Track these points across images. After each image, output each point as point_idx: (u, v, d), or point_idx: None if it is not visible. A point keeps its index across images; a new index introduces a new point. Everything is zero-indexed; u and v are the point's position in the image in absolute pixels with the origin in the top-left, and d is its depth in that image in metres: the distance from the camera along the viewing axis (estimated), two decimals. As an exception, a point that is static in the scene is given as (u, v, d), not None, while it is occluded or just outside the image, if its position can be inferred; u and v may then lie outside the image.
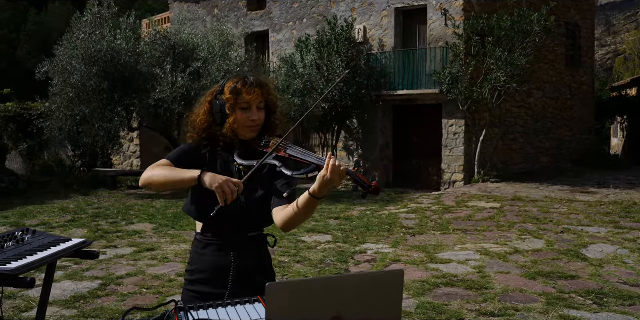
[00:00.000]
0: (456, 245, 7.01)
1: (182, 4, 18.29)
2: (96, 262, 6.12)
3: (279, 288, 1.24)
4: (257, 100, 2.02)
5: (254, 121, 2.03)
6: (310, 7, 15.44)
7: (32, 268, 1.83)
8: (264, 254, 2.12)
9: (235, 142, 2.04)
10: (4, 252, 1.92)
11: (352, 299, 1.31)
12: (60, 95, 11.73)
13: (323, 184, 1.76)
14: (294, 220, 1.89)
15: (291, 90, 12.63)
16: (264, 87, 2.05)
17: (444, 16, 12.95)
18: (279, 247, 6.94)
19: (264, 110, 2.06)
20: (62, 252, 2.03)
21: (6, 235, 2.08)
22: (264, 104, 2.06)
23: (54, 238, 2.17)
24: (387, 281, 1.36)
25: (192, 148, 2.10)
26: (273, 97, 2.09)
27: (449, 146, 13.30)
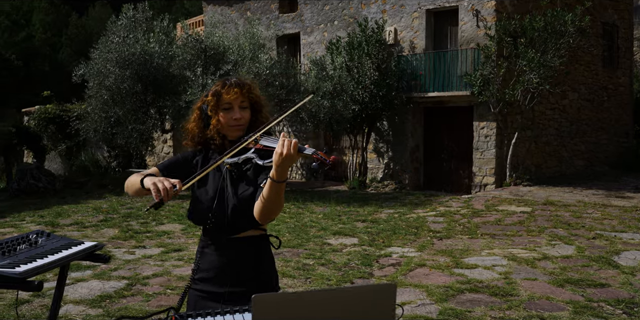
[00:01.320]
0: (483, 250, 6.92)
1: (216, 7, 18.52)
2: (124, 262, 6.26)
3: (266, 300, 1.23)
4: (238, 99, 2.08)
5: (236, 120, 2.09)
6: (341, 9, 15.45)
7: (40, 271, 1.88)
8: (263, 255, 2.12)
9: (225, 144, 2.11)
10: (16, 255, 1.97)
11: (342, 313, 1.29)
12: (95, 97, 12.04)
13: (277, 162, 1.77)
14: (264, 210, 1.89)
15: (320, 92, 12.64)
16: (244, 86, 2.11)
17: (476, 17, 12.79)
18: (304, 249, 6.98)
19: (248, 109, 2.13)
20: (72, 256, 2.08)
21: (20, 238, 2.15)
22: (248, 103, 2.12)
23: (66, 241, 2.23)
24: (378, 295, 1.34)
25: (185, 156, 2.20)
26: (255, 96, 2.14)
27: (480, 149, 13.12)
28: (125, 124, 11.91)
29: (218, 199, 2.05)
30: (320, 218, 9.42)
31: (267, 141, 1.94)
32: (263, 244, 2.13)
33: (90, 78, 11.94)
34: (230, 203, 2.03)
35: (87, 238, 7.68)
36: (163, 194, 1.82)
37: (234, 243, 2.06)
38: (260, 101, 2.17)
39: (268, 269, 2.15)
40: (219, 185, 2.08)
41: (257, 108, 2.16)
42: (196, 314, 1.63)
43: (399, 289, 5.25)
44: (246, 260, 2.07)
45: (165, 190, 1.82)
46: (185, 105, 11.19)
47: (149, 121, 12.28)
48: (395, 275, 5.79)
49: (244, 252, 2.07)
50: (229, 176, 2.07)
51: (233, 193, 2.04)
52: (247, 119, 2.12)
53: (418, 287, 5.34)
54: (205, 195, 2.08)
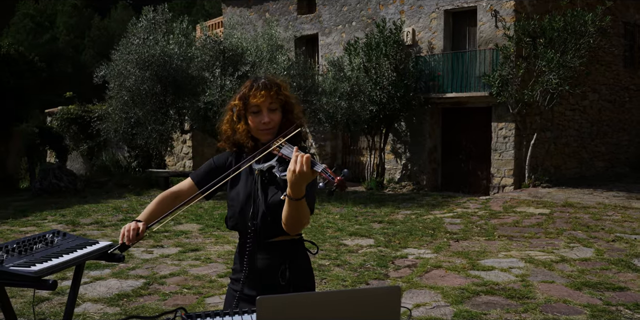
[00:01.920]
0: (500, 252, 6.88)
1: (235, 9, 18.64)
2: (142, 261, 6.35)
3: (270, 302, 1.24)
4: (266, 102, 2.02)
5: (265, 124, 2.02)
6: (359, 10, 15.46)
7: (55, 270, 1.92)
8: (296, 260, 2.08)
9: (258, 146, 2.05)
10: (32, 254, 2.02)
11: (346, 315, 1.29)
12: (116, 98, 12.19)
13: (291, 180, 1.72)
14: (288, 224, 1.88)
15: (338, 93, 12.66)
16: (272, 88, 2.03)
17: (494, 17, 12.71)
18: (320, 250, 7.00)
19: (277, 111, 2.05)
20: (87, 255, 2.13)
21: (37, 237, 2.20)
22: (277, 104, 2.05)
23: (82, 241, 2.27)
24: (383, 297, 1.33)
25: (218, 162, 2.17)
26: (285, 97, 2.06)
27: (499, 150, 13.03)
28: (145, 124, 12.05)
29: (248, 204, 2.04)
30: (337, 219, 9.44)
31: (287, 149, 1.89)
32: (297, 249, 2.09)
33: (111, 79, 12.09)
34: (260, 209, 2.01)
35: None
36: (126, 237, 1.94)
37: (267, 247, 2.03)
38: (291, 100, 2.10)
39: (302, 275, 2.10)
40: (251, 189, 2.06)
41: (288, 108, 2.08)
42: (205, 314, 1.66)
43: (414, 291, 5.25)
44: (278, 265, 2.03)
45: (127, 233, 1.95)
46: (204, 106, 11.29)
47: (168, 122, 12.41)
48: (410, 276, 5.79)
49: (276, 257, 2.03)
50: (260, 181, 2.04)
51: (263, 199, 2.01)
52: (277, 121, 2.05)
53: (433, 288, 5.33)
54: (237, 199, 2.07)
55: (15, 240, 2.14)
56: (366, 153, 15.22)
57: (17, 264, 1.87)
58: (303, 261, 2.12)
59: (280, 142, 1.91)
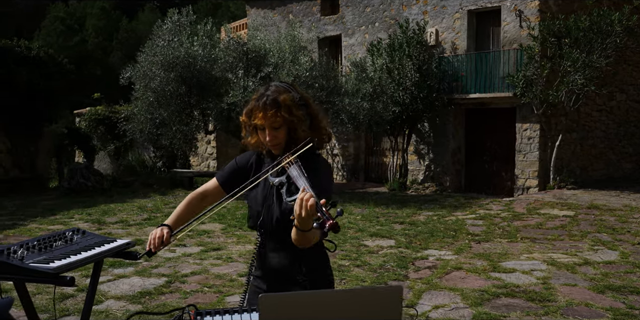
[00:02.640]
0: (522, 254, 6.81)
1: (259, 10, 18.77)
2: (165, 260, 6.45)
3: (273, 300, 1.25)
4: (269, 121, 2.01)
5: (268, 142, 2.05)
6: (382, 11, 15.44)
7: (73, 267, 1.99)
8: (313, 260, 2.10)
9: (273, 154, 2.09)
10: (52, 251, 2.10)
11: (348, 314, 1.30)
12: (141, 99, 12.39)
13: (297, 219, 1.71)
14: (296, 242, 1.87)
15: (360, 94, 12.67)
16: (271, 108, 2.00)
17: (519, 17, 12.57)
18: (340, 250, 7.02)
19: (282, 129, 2.03)
20: (105, 253, 2.19)
21: (57, 235, 2.28)
22: (281, 122, 2.02)
23: (100, 239, 2.34)
24: (384, 297, 1.34)
25: (240, 162, 2.23)
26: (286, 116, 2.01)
27: (523, 151, 12.88)
28: (170, 125, 12.22)
29: (265, 208, 2.08)
30: (358, 219, 9.45)
31: (295, 171, 1.85)
32: (314, 249, 2.05)
33: (136, 80, 12.29)
34: (274, 214, 2.05)
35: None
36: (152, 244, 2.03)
37: (283, 247, 2.06)
38: (294, 119, 2.03)
39: (319, 274, 2.13)
40: (267, 193, 2.10)
41: (292, 126, 2.04)
42: (214, 311, 1.70)
43: (433, 292, 5.24)
44: (295, 264, 2.07)
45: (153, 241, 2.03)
46: (227, 107, 11.41)
47: (193, 122, 12.57)
48: (430, 278, 5.78)
49: (292, 256, 2.07)
50: (276, 192, 2.06)
51: (277, 205, 2.05)
52: (282, 138, 2.05)
53: (453, 290, 5.31)
54: (255, 201, 2.13)
55: (36, 237, 2.21)
56: (389, 154, 15.19)
57: (36, 260, 1.94)
58: (319, 258, 2.15)
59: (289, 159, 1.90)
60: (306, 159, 1.95)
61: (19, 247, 2.01)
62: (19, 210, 10.64)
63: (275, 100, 2.01)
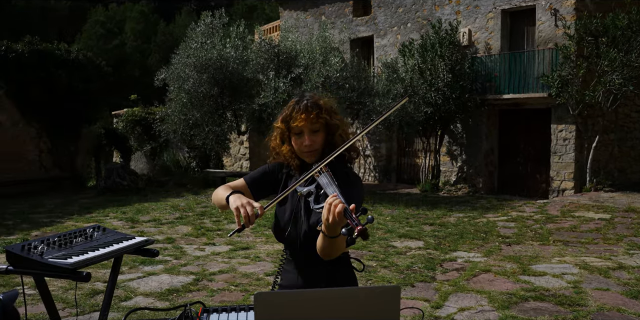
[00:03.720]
0: (554, 258, 6.68)
1: (292, 12, 18.88)
2: (194, 258, 6.56)
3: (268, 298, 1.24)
4: (308, 124, 1.98)
5: (307, 146, 2.00)
6: (414, 12, 15.34)
7: (90, 263, 2.05)
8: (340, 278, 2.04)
9: (304, 165, 2.05)
10: (72, 247, 2.16)
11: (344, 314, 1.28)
12: (175, 100, 12.62)
13: (325, 225, 1.68)
14: (321, 253, 1.84)
15: (391, 95, 12.62)
16: (312, 110, 1.99)
17: (554, 16, 12.32)
18: (368, 251, 7.02)
19: (320, 133, 2.01)
20: (122, 249, 2.25)
21: (78, 232, 2.35)
22: (320, 125, 2.00)
23: (119, 236, 2.40)
24: (382, 297, 1.31)
25: (271, 170, 2.15)
26: (328, 118, 2.00)
27: (558, 152, 12.62)
28: (203, 126, 12.40)
29: (292, 222, 2.03)
30: (387, 220, 9.42)
31: (325, 178, 1.82)
32: (341, 267, 2.05)
33: (170, 82, 12.53)
34: (302, 228, 2.00)
35: (162, 234, 8.10)
36: (245, 221, 1.81)
37: (309, 264, 2.01)
38: (333, 122, 2.01)
39: None
40: (295, 208, 2.05)
41: (331, 130, 2.01)
42: (221, 309, 1.72)
43: (460, 294, 5.19)
44: (320, 280, 2.00)
45: (247, 218, 1.81)
46: (259, 108, 11.52)
47: (225, 123, 12.73)
48: (457, 280, 5.72)
49: (318, 274, 2.02)
50: (304, 202, 2.03)
51: (305, 218, 2.00)
52: (320, 143, 2.01)
53: (480, 293, 5.25)
54: (283, 215, 2.07)
55: (57, 233, 2.29)
56: (421, 155, 15.08)
57: (55, 256, 2.01)
58: (346, 278, 2.08)
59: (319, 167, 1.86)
60: (337, 172, 1.91)
61: (40, 242, 2.08)
62: (57, 208, 10.97)
63: (316, 103, 2.01)
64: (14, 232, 8.34)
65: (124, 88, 30.63)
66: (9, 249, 2.00)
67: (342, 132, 2.04)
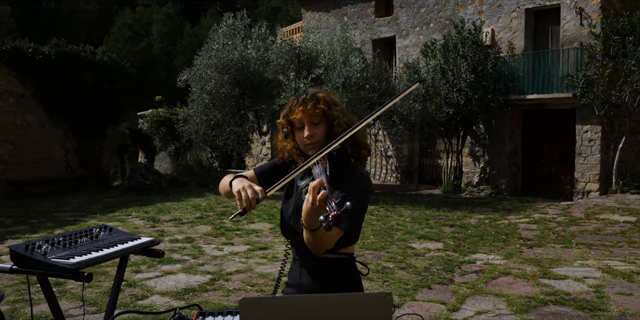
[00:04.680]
0: (576, 261, 6.55)
1: (314, 13, 18.89)
2: (212, 258, 6.60)
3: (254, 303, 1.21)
4: (307, 116, 1.98)
5: (307, 138, 1.99)
6: (437, 12, 15.22)
7: (93, 263, 2.06)
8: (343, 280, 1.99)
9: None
10: (76, 247, 2.17)
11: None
12: (197, 101, 12.73)
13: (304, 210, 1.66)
14: (310, 246, 1.81)
15: (412, 95, 12.54)
16: (310, 101, 1.99)
17: (579, 15, 12.10)
18: (386, 252, 6.97)
19: (321, 125, 2.00)
20: (127, 250, 2.26)
21: (84, 231, 2.37)
22: (320, 117, 1.99)
23: (125, 236, 2.41)
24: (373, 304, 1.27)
25: (281, 164, 2.14)
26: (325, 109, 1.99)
27: (583, 154, 12.38)
28: (224, 126, 12.49)
29: (295, 217, 1.99)
30: (407, 221, 9.35)
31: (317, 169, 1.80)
32: (344, 268, 2.01)
33: (192, 83, 12.64)
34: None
35: (182, 233, 8.17)
36: (246, 204, 1.79)
37: (312, 263, 1.97)
38: (332, 113, 2.00)
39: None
40: (298, 203, 2.01)
41: (331, 121, 2.00)
42: (217, 312, 1.71)
43: (477, 297, 5.12)
44: (322, 282, 1.97)
45: (248, 201, 1.79)
46: (279, 109, 11.55)
47: (246, 124, 12.80)
48: (476, 282, 5.64)
49: (321, 274, 1.98)
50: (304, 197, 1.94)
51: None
52: (321, 135, 1.99)
53: (498, 296, 5.17)
54: (286, 211, 2.05)
55: (62, 233, 2.31)
56: (443, 156, 14.95)
57: (58, 256, 2.03)
58: (351, 281, 2.04)
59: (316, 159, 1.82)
60: (338, 168, 1.87)
61: (45, 242, 2.10)
62: (81, 207, 11.15)
63: (314, 95, 2.02)
64: (38, 230, 8.50)
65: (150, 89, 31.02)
66: (13, 248, 2.02)
67: (344, 124, 2.00)
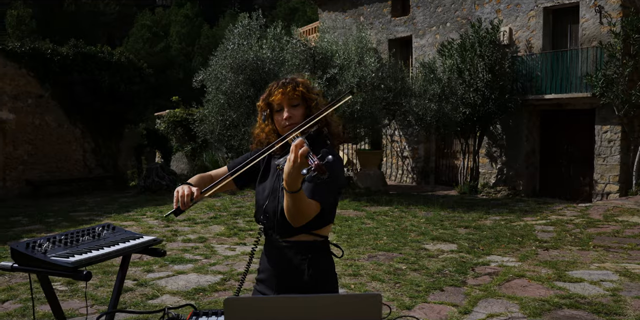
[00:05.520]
0: (593, 263, 6.43)
1: (330, 13, 18.87)
2: (224, 258, 6.60)
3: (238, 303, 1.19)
4: (286, 98, 2.03)
5: (287, 119, 2.03)
6: (453, 11, 15.09)
7: (92, 262, 2.05)
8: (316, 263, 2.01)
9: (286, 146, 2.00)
10: (77, 246, 2.17)
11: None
12: (212, 101, 12.76)
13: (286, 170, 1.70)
14: (288, 216, 1.84)
15: (427, 95, 12.44)
16: (289, 84, 2.05)
17: (599, 13, 11.91)
18: (398, 253, 6.91)
19: (300, 107, 2.05)
20: (127, 248, 2.25)
21: (87, 230, 2.37)
22: (299, 99, 2.05)
23: (127, 235, 2.40)
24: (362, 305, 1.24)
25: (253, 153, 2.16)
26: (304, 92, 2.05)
27: (603, 154, 12.18)
28: (239, 126, 12.50)
29: (270, 199, 2.02)
30: (421, 222, 9.27)
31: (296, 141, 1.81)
32: (317, 251, 2.03)
33: (208, 83, 12.68)
34: (280, 204, 1.97)
35: (194, 233, 8.19)
36: (181, 202, 1.90)
37: (285, 246, 2.00)
38: (311, 96, 2.07)
39: (321, 279, 2.03)
40: (274, 185, 2.04)
41: (310, 104, 2.06)
42: (212, 312, 1.69)
43: (490, 300, 5.05)
44: (295, 266, 1.99)
45: (182, 198, 1.90)
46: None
47: (262, 124, 12.78)
48: (489, 284, 5.57)
49: (294, 257, 2.00)
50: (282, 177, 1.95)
51: (282, 193, 1.95)
52: (300, 116, 2.04)
53: (511, 299, 5.09)
54: (261, 194, 2.08)
55: (64, 232, 2.32)
56: (460, 156, 14.82)
57: (58, 254, 2.03)
58: (324, 263, 2.06)
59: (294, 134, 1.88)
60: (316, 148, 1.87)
61: (46, 240, 2.11)
62: (97, 207, 11.25)
63: (293, 79, 2.10)
64: (54, 229, 8.58)
65: (169, 90, 31.28)
66: (14, 246, 2.03)
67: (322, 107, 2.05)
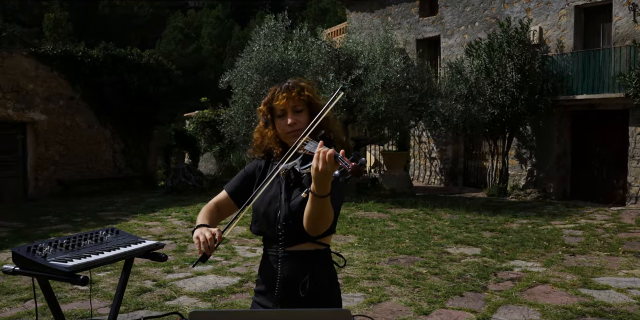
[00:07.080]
0: (621, 270, 6.25)
1: (358, 14, 18.79)
2: (243, 260, 6.62)
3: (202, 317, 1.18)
4: (290, 103, 1.97)
5: (290, 125, 1.97)
6: (482, 10, 14.87)
7: (90, 266, 2.06)
8: (318, 273, 1.96)
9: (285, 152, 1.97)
10: (78, 250, 2.18)
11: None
12: (238, 102, 12.83)
13: (314, 177, 1.65)
14: (308, 224, 1.79)
15: (454, 96, 12.27)
16: (292, 89, 1.99)
17: (633, 11, 11.57)
18: (420, 257, 6.83)
19: (304, 112, 1.99)
20: (128, 253, 2.25)
21: (89, 234, 2.37)
22: (303, 105, 1.99)
23: (130, 239, 2.40)
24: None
25: (248, 170, 2.14)
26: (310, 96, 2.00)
27: (637, 156, 11.83)
28: (265, 127, 12.52)
29: (272, 207, 1.96)
30: (445, 225, 9.15)
31: (311, 145, 1.80)
32: (320, 261, 1.98)
33: (234, 84, 12.74)
34: (282, 212, 1.93)
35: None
36: (204, 247, 1.84)
37: (287, 257, 1.94)
38: (316, 101, 2.02)
39: (322, 290, 1.97)
40: (275, 192, 1.99)
41: (314, 109, 1.99)
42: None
43: (510, 306, 4.94)
44: (297, 277, 1.93)
45: (204, 244, 1.84)
46: (318, 110, 11.52)
47: (286, 125, 12.80)
48: (511, 290, 5.45)
49: (296, 267, 1.94)
50: (285, 183, 1.97)
51: (285, 200, 1.93)
52: (304, 122, 1.97)
53: (533, 306, 4.97)
54: (261, 203, 2.00)
55: (67, 235, 2.33)
56: (488, 158, 14.59)
57: (58, 258, 2.04)
58: (327, 273, 2.01)
59: (304, 139, 1.83)
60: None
61: (47, 244, 2.13)
62: (125, 207, 11.42)
63: (297, 83, 2.03)
64: (80, 229, 8.74)
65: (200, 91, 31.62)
66: (15, 250, 2.05)
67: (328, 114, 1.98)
